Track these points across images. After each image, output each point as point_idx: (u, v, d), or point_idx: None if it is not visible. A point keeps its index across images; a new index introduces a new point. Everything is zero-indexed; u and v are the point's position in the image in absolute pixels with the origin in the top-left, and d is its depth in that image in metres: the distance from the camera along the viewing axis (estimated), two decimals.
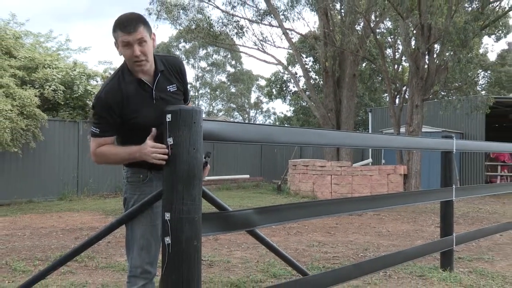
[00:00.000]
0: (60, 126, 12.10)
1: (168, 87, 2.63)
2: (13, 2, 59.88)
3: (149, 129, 2.48)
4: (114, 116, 2.51)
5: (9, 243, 6.29)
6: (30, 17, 44.38)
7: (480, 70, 23.46)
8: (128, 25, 2.41)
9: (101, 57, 69.45)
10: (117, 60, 74.74)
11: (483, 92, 20.37)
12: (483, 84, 25.12)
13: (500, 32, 20.91)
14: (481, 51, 20.97)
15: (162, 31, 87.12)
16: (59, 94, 11.95)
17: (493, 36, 21.07)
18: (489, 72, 25.33)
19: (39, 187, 11.51)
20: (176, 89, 2.66)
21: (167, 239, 2.24)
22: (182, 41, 37.39)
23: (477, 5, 12.23)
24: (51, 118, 11.84)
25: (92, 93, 12.55)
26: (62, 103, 12.36)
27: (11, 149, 10.30)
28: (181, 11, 17.48)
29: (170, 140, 2.26)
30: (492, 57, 26.14)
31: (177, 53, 39.42)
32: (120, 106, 2.50)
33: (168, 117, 2.28)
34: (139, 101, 2.54)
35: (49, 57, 12.98)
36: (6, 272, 4.73)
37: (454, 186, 4.79)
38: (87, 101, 12.57)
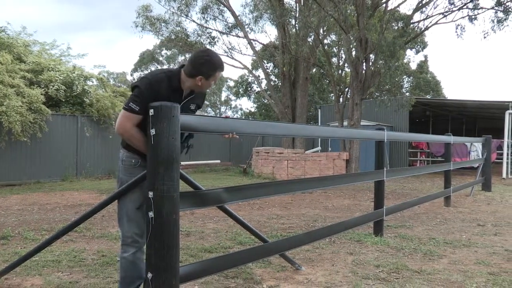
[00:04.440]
0: (62, 119, 11.89)
1: (191, 105, 2.66)
2: (25, 16, 58.56)
3: None
4: (150, 100, 2.31)
5: (20, 216, 6.17)
6: (38, 29, 42.95)
7: (405, 76, 24.09)
8: (224, 67, 2.57)
9: (96, 61, 68.12)
10: (110, 64, 73.06)
11: (407, 94, 20.89)
12: (407, 87, 25.76)
13: (419, 46, 21.56)
14: (405, 61, 21.47)
15: (147, 40, 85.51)
16: (60, 92, 11.75)
17: (413, 50, 21.65)
18: (411, 78, 26.02)
19: (45, 170, 11.34)
20: (194, 107, 2.71)
21: (151, 213, 2.22)
22: (164, 49, 36.57)
23: (402, 25, 12.53)
24: (54, 113, 11.63)
25: (88, 91, 12.33)
26: (63, 100, 12.14)
27: (21, 138, 10.21)
28: (163, 24, 17.14)
29: (152, 131, 2.23)
30: (413, 66, 26.86)
31: (160, 59, 38.52)
32: (157, 95, 2.39)
33: (151, 111, 2.24)
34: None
35: (52, 62, 12.77)
36: (18, 240, 4.70)
37: (385, 169, 4.89)
38: (84, 99, 12.33)
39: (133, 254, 2.55)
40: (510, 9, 11.24)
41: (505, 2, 11.20)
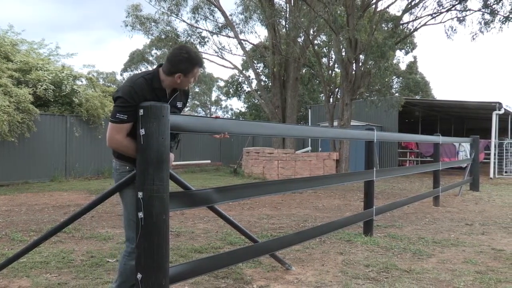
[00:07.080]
0: (50, 119, 11.73)
1: (177, 103, 2.64)
2: (12, 15, 58.10)
3: None
4: (136, 107, 2.33)
5: (8, 217, 6.09)
6: (26, 28, 42.28)
7: (395, 77, 24.30)
8: (203, 63, 2.46)
9: (85, 61, 67.47)
10: (99, 64, 72.45)
11: (396, 94, 21.08)
12: (396, 87, 25.97)
13: (408, 47, 21.73)
14: (395, 61, 21.65)
15: (137, 40, 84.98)
16: (49, 92, 11.62)
17: (403, 51, 21.79)
18: (401, 78, 26.24)
19: (33, 171, 11.18)
20: (181, 105, 2.70)
21: (140, 214, 2.21)
22: (154, 48, 36.25)
23: (391, 26, 12.63)
24: (42, 112, 11.47)
25: (77, 91, 12.20)
26: (52, 100, 12.00)
27: (9, 138, 10.03)
28: (153, 23, 17.07)
29: (142, 131, 2.22)
30: (402, 66, 27.07)
31: (150, 59, 38.23)
32: (142, 100, 2.36)
33: (141, 111, 2.23)
34: None
35: (41, 61, 12.57)
36: (6, 242, 4.64)
37: (374, 169, 4.93)
38: (74, 98, 12.19)
39: (133, 260, 2.51)
40: (496, 11, 11.41)
41: (491, 4, 11.37)
